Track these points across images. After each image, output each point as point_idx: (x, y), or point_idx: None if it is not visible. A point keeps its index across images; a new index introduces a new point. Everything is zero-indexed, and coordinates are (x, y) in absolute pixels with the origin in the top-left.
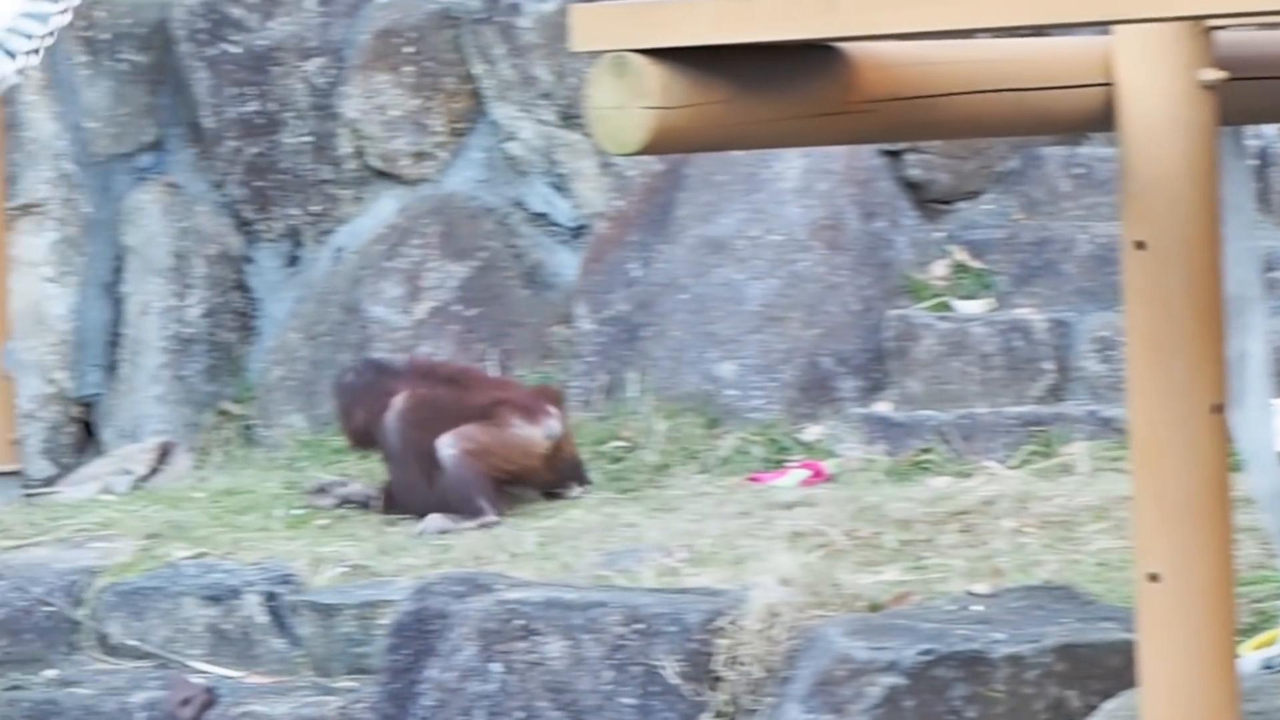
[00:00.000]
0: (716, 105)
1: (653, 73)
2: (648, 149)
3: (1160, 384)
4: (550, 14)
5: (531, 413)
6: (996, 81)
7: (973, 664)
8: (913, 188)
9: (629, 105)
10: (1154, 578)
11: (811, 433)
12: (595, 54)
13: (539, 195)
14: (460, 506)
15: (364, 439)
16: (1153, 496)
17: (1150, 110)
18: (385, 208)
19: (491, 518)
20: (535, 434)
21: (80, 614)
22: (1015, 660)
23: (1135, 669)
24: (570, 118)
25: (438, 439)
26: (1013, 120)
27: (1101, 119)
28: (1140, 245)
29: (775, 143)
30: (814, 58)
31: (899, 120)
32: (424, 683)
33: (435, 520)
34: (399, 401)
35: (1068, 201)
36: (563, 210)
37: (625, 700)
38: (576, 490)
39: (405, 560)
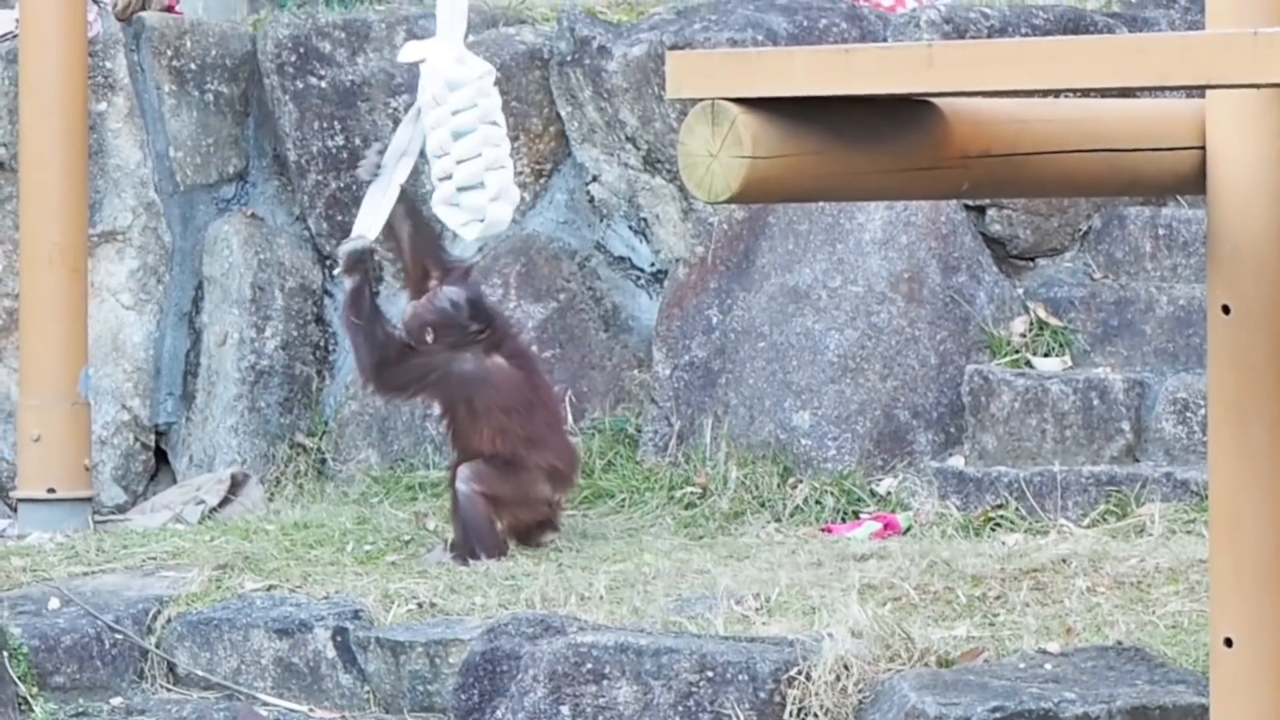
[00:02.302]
0: (809, 156)
1: (746, 122)
2: (738, 198)
3: (1241, 448)
4: (638, 58)
5: (558, 477)
6: (1088, 141)
7: None
8: (994, 243)
9: (721, 153)
10: (1228, 642)
11: (885, 485)
12: (687, 101)
13: (620, 238)
14: (462, 544)
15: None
16: (1229, 560)
17: (1240, 175)
18: (466, 246)
19: (485, 564)
20: (550, 496)
21: (149, 642)
22: None
23: None
24: (654, 162)
25: (458, 467)
26: (1104, 180)
27: (1191, 182)
28: (1225, 309)
29: (866, 195)
30: (908, 112)
31: (990, 177)
32: None
33: (439, 553)
34: (470, 475)
35: (1149, 262)
36: (643, 254)
37: None
38: (548, 535)
39: (475, 599)
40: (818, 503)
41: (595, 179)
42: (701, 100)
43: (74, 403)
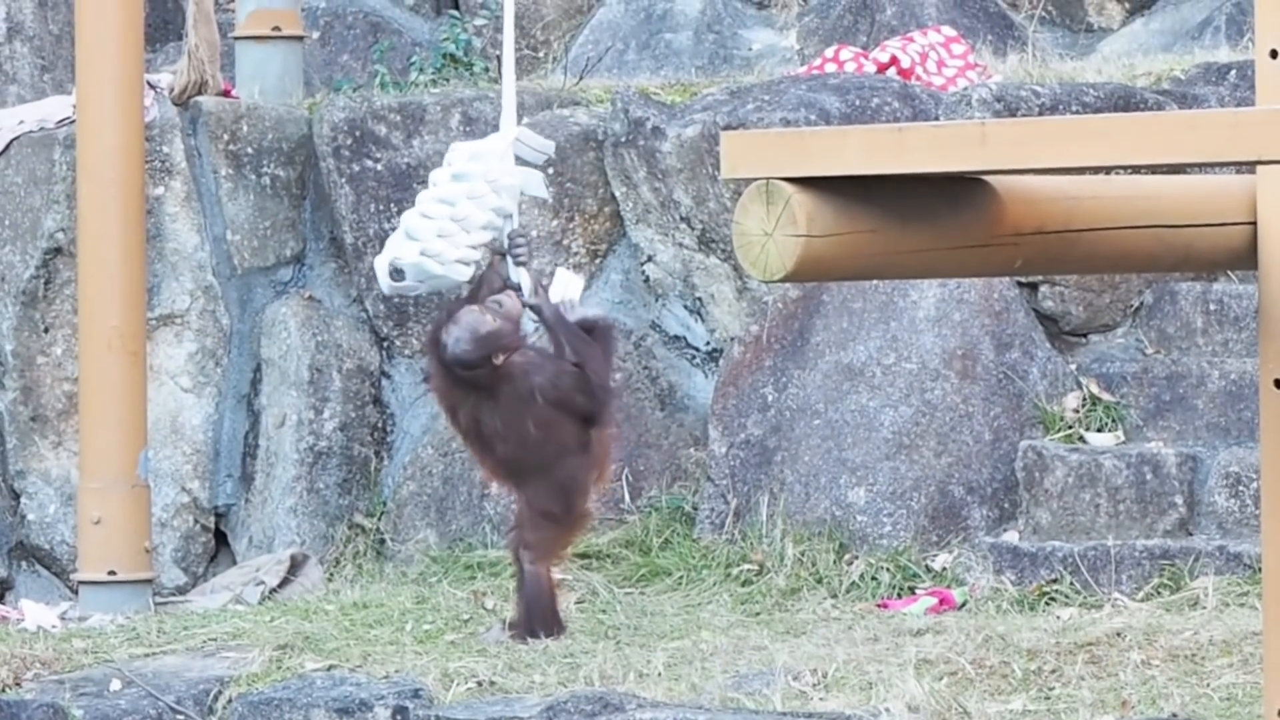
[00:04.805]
0: (863, 235)
1: (801, 201)
2: (793, 276)
3: None
4: (691, 139)
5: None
6: (1140, 218)
7: None
8: (1047, 320)
9: (776, 233)
10: None
11: (940, 560)
12: (741, 180)
13: (675, 318)
14: (523, 621)
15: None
16: None
17: None
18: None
19: (544, 643)
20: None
21: None
22: None
23: None
24: (708, 242)
25: (521, 549)
26: (1156, 256)
27: (1243, 257)
28: (1278, 383)
29: (920, 273)
30: (961, 190)
31: (1044, 254)
32: None
33: (498, 632)
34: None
35: (1200, 337)
36: (699, 333)
37: None
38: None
39: (534, 677)
40: (873, 578)
41: (650, 259)
42: (756, 180)
43: (134, 485)
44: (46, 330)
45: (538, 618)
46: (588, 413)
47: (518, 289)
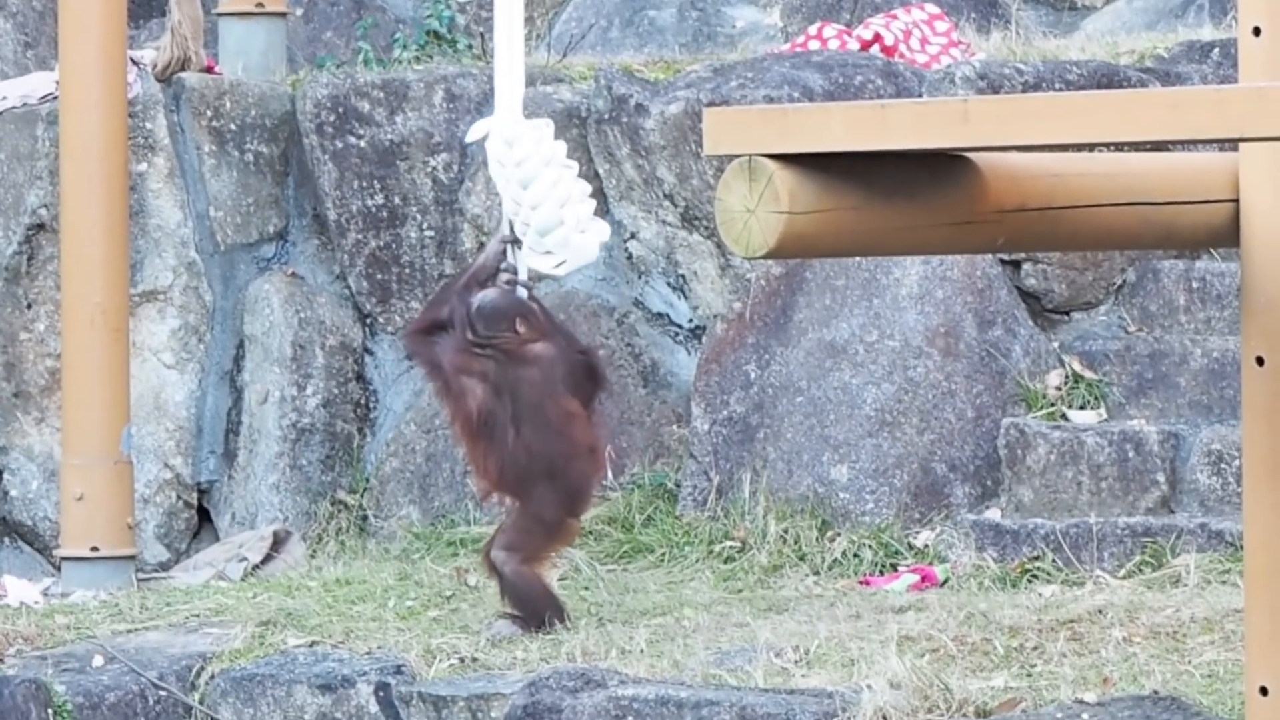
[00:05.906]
0: (846, 211)
1: (783, 178)
2: (775, 253)
3: (1275, 499)
4: (675, 116)
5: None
6: (1123, 195)
7: None
8: (1029, 297)
9: (758, 209)
10: (1264, 691)
11: (923, 538)
12: (724, 157)
13: (658, 295)
14: (526, 616)
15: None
16: (1264, 610)
17: (1274, 227)
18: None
19: (557, 625)
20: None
21: (192, 699)
22: None
23: None
24: (692, 219)
25: (492, 551)
26: (1138, 234)
27: (1225, 235)
28: (1260, 361)
29: (903, 250)
30: (944, 167)
31: (1026, 231)
32: None
33: (502, 627)
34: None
35: (1183, 315)
36: (681, 311)
37: None
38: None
39: (517, 654)
40: (856, 555)
41: (633, 236)
42: (739, 157)
43: (116, 461)
44: (29, 306)
45: (534, 611)
46: (593, 397)
47: (514, 272)
